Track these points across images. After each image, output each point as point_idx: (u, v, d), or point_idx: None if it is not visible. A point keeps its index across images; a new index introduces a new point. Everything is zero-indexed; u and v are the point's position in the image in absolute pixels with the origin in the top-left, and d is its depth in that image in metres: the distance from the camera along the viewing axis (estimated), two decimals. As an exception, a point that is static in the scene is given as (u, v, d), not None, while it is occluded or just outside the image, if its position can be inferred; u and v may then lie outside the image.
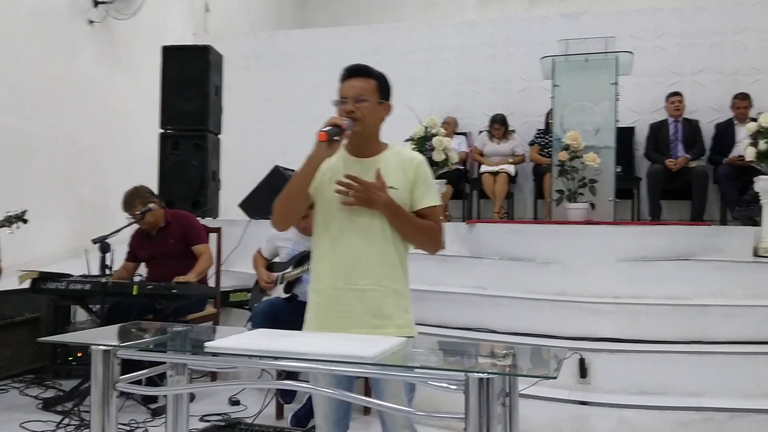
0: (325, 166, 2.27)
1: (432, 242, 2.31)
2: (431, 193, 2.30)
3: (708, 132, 6.50)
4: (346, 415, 2.34)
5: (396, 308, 2.25)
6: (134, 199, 4.47)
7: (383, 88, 2.30)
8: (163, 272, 4.35)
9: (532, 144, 6.84)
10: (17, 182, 5.75)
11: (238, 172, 7.41)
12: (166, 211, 4.61)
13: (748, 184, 5.35)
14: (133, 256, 4.64)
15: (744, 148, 5.14)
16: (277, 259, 4.26)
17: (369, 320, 2.21)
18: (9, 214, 4.16)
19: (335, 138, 2.15)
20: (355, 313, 2.22)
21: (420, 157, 2.34)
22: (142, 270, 4.74)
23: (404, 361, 2.02)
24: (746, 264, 4.46)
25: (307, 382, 2.24)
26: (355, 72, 2.28)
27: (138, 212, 4.38)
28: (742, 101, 6.27)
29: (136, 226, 4.56)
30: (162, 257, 4.49)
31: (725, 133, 6.30)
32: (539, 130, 6.84)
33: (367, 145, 2.30)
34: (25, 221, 4.20)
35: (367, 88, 2.25)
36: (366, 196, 2.18)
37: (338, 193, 2.20)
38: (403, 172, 2.27)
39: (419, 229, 2.26)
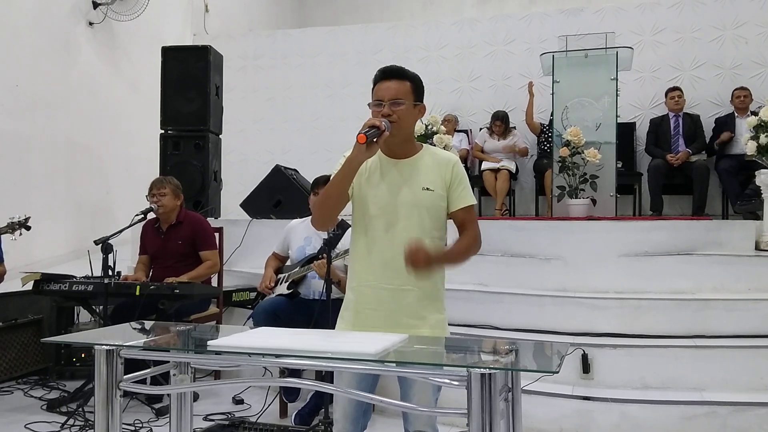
0: (363, 167, 2.26)
1: (475, 250, 2.34)
2: (468, 193, 2.31)
3: (708, 126, 6.50)
4: (366, 413, 2.35)
5: (430, 309, 2.27)
6: (165, 185, 4.46)
7: (418, 89, 2.29)
8: (165, 273, 4.34)
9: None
10: (17, 184, 5.76)
11: (237, 172, 7.43)
12: (182, 210, 4.58)
13: (750, 178, 5.35)
14: (145, 249, 4.61)
15: (745, 143, 5.14)
16: (288, 263, 4.26)
17: (403, 320, 2.22)
18: (12, 220, 4.15)
19: (374, 140, 2.12)
20: (390, 313, 2.23)
21: (455, 158, 2.34)
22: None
23: (407, 357, 2.02)
24: (748, 258, 4.45)
25: (311, 379, 2.25)
26: (390, 74, 2.25)
27: (155, 200, 4.40)
28: (742, 91, 6.31)
29: (140, 225, 4.55)
30: (167, 256, 4.46)
31: (725, 126, 6.30)
32: (541, 124, 6.84)
33: (402, 147, 2.29)
34: (28, 228, 4.19)
35: (402, 90, 2.23)
36: (415, 268, 2.11)
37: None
38: (439, 173, 2.27)
39: (465, 253, 2.30)
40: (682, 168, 6.16)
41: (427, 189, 2.24)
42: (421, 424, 2.27)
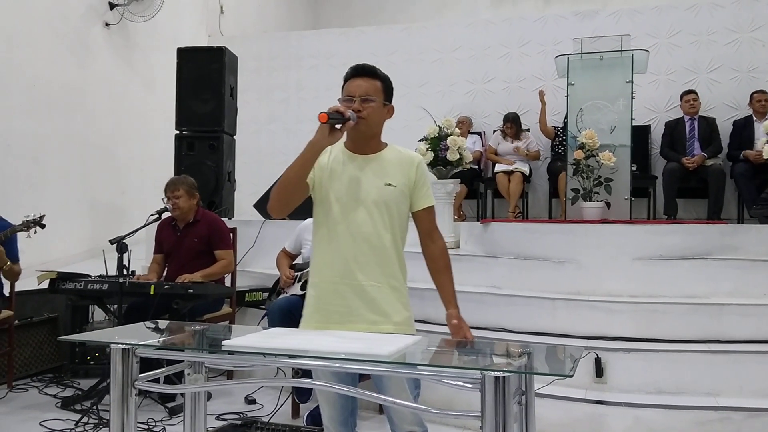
0: (325, 161, 2.28)
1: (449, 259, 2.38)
2: (430, 194, 2.34)
3: (725, 129, 6.45)
4: (353, 413, 2.34)
5: (396, 305, 2.25)
6: (179, 186, 4.46)
7: (388, 89, 2.31)
8: (179, 271, 4.36)
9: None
10: (33, 184, 5.82)
11: (251, 173, 7.45)
12: (199, 209, 4.61)
13: (766, 182, 5.31)
14: (160, 247, 4.63)
15: (762, 146, 5.10)
16: (299, 260, 4.27)
17: (366, 315, 2.21)
18: (27, 218, 4.19)
19: (336, 126, 2.13)
20: (353, 308, 2.22)
21: (419, 157, 2.35)
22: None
23: (419, 359, 2.02)
24: (763, 263, 4.41)
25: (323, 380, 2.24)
26: (363, 71, 2.28)
27: (170, 203, 4.41)
28: (762, 94, 6.25)
29: (155, 224, 4.58)
30: (182, 253, 4.48)
31: (744, 129, 6.25)
32: (555, 127, 6.82)
33: (368, 143, 2.30)
34: (42, 226, 4.23)
35: (373, 88, 2.25)
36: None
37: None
38: (402, 170, 2.28)
39: (453, 278, 2.36)
40: (697, 171, 6.12)
41: (390, 185, 2.24)
42: (407, 423, 2.27)
